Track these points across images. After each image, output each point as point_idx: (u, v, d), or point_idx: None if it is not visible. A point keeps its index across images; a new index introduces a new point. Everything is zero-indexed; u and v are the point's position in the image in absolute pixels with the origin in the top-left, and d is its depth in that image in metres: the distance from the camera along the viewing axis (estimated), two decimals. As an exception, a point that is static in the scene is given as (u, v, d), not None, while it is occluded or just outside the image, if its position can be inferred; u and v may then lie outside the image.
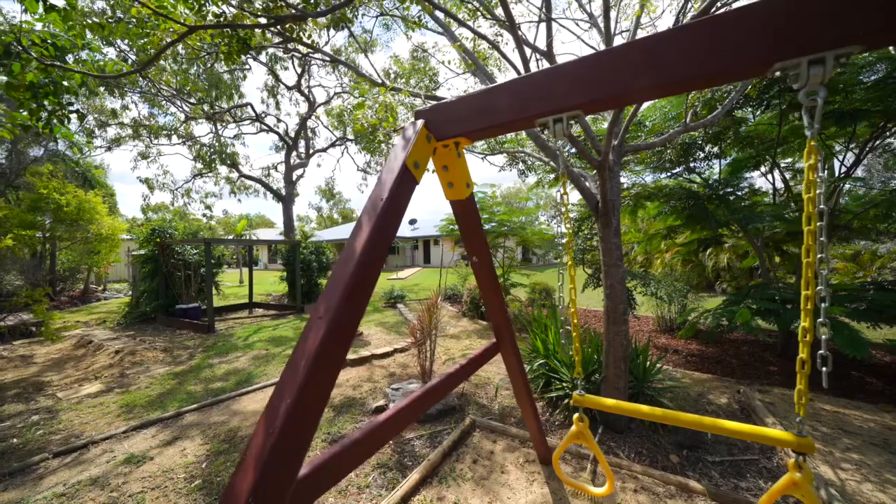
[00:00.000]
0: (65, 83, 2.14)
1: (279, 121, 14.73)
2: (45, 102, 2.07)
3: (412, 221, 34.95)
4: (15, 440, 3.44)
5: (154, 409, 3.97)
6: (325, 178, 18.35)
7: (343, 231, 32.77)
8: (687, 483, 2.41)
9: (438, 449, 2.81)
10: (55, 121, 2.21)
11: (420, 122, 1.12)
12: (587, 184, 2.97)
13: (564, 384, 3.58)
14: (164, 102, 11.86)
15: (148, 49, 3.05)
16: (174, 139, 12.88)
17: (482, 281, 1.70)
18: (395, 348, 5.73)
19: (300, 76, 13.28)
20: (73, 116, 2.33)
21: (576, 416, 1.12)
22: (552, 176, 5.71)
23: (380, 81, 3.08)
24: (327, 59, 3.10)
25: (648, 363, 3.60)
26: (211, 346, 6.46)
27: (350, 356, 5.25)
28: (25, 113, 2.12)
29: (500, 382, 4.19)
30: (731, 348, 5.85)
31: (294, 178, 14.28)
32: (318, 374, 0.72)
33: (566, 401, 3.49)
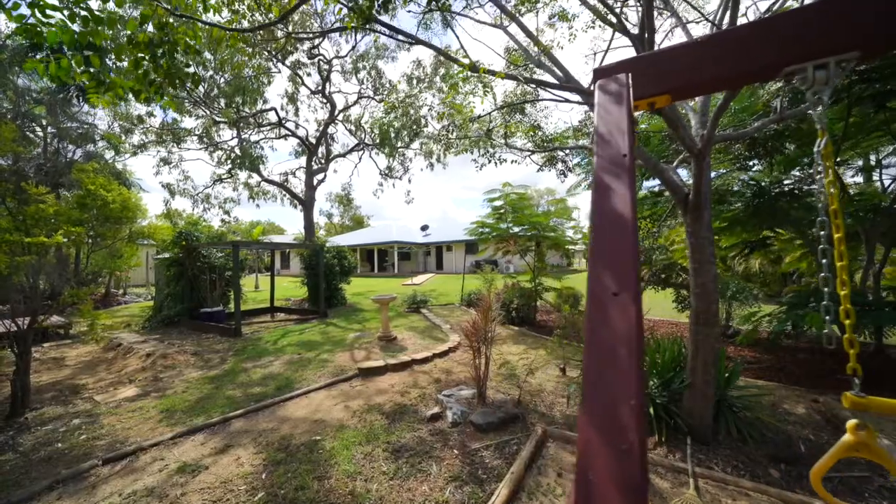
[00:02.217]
0: (188, 40, 2.00)
1: (298, 126, 14.83)
2: (162, 63, 1.93)
3: (424, 228, 34.91)
4: (59, 444, 3.30)
5: (197, 415, 3.81)
6: (342, 184, 18.30)
7: (363, 236, 32.34)
8: (811, 502, 2.16)
9: (519, 461, 2.59)
10: (167, 86, 2.06)
11: (624, 76, 0.96)
12: (672, 176, 2.79)
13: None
14: (190, 108, 11.98)
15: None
16: (200, 142, 12.97)
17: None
18: (433, 353, 5.53)
19: (324, 82, 13.38)
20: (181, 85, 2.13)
21: (852, 422, 0.89)
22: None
23: (467, 63, 2.96)
24: (410, 41, 2.97)
25: (726, 370, 3.36)
26: (241, 350, 6.31)
27: (391, 361, 5.06)
28: (131, 79, 1.99)
29: (573, 390, 3.92)
30: (787, 355, 5.54)
31: (315, 182, 14.28)
32: (640, 359, 0.55)
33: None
